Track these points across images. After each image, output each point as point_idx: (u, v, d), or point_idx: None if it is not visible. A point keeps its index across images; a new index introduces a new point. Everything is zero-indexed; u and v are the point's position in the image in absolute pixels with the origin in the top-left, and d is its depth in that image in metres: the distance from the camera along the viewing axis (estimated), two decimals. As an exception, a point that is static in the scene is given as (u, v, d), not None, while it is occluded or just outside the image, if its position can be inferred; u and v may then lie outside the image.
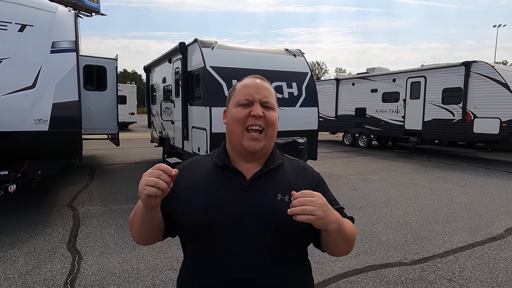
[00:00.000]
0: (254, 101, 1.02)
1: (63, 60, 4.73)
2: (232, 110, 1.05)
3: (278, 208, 0.97)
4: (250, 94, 1.03)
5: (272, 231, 0.98)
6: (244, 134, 1.02)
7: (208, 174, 1.07)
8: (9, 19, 4.45)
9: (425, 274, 3.33)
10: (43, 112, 4.52)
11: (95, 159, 10.15)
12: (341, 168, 9.33)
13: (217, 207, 0.99)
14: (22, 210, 5.11)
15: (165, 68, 8.50)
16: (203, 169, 1.09)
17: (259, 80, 1.08)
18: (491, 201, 6.00)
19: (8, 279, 3.13)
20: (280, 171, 1.08)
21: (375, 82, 13.42)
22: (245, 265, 0.96)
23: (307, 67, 7.04)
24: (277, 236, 0.98)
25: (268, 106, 1.05)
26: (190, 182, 1.06)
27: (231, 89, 1.12)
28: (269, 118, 1.03)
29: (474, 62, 10.00)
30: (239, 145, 1.03)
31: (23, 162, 4.82)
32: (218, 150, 1.13)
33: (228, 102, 1.11)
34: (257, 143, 1.02)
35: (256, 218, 0.98)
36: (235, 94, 1.08)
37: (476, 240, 4.22)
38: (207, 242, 0.99)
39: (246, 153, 1.03)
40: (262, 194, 1.01)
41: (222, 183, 1.04)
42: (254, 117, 1.01)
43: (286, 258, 1.01)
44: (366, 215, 5.18)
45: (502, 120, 9.24)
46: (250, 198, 1.00)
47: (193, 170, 1.10)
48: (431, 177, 8.07)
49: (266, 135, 1.04)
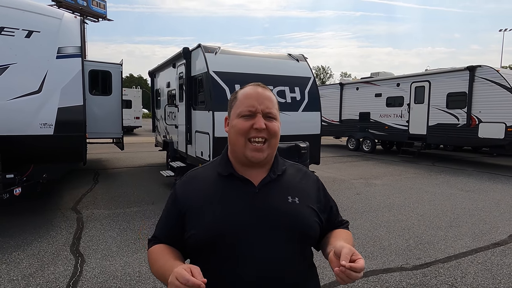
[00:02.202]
0: (257, 113, 1.03)
1: (68, 66, 4.82)
2: (234, 121, 1.05)
3: (291, 210, 1.05)
4: (252, 106, 1.03)
5: (290, 232, 1.02)
6: (247, 145, 1.03)
7: (216, 186, 1.07)
8: (16, 25, 4.55)
9: (426, 279, 3.31)
10: (48, 116, 4.60)
11: (100, 163, 10.24)
12: (345, 172, 9.31)
13: (234, 215, 1.00)
14: (27, 213, 5.18)
15: (169, 73, 8.59)
16: (208, 181, 1.09)
17: (261, 89, 1.08)
18: (496, 207, 5.95)
19: (12, 281, 3.17)
20: (285, 176, 1.13)
21: (379, 87, 13.41)
22: (271, 268, 0.98)
23: (309, 71, 7.07)
24: (295, 237, 1.03)
25: (271, 116, 1.05)
26: (197, 198, 1.06)
27: (232, 97, 1.12)
28: (272, 129, 1.04)
29: (479, 66, 9.95)
30: (242, 156, 1.05)
31: (28, 165, 4.90)
32: (219, 160, 1.13)
33: (229, 110, 1.11)
34: (260, 154, 1.03)
35: (273, 221, 1.02)
36: (237, 103, 1.07)
37: (479, 245, 4.19)
38: (228, 252, 0.99)
39: (249, 162, 1.05)
40: (273, 198, 1.05)
41: (232, 192, 1.04)
42: (257, 130, 1.02)
43: (303, 258, 1.07)
44: (369, 219, 5.16)
45: (508, 124, 9.17)
46: (262, 203, 1.03)
47: (196, 185, 1.10)
48: (435, 182, 8.02)
49: (269, 145, 1.05)
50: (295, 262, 1.03)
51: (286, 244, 1.01)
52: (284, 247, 1.01)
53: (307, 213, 1.07)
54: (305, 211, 1.07)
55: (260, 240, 0.98)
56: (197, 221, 1.02)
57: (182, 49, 6.83)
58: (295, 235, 1.03)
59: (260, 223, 1.00)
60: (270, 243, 0.99)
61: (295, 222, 1.03)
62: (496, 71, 9.58)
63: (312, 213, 1.08)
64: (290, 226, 1.02)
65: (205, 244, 1.00)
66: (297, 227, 1.03)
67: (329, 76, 71.43)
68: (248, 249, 0.98)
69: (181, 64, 7.22)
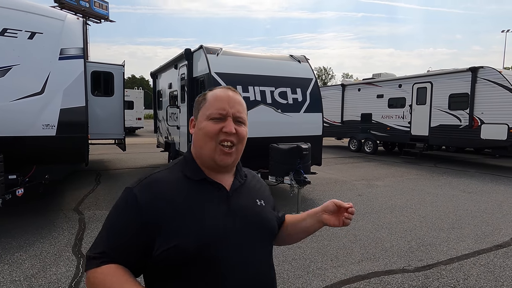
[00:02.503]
0: (227, 116, 1.01)
1: (71, 67, 4.83)
2: (203, 123, 1.02)
3: (262, 213, 1.09)
4: (223, 109, 1.01)
5: (264, 233, 1.08)
6: (216, 149, 1.00)
7: (189, 191, 0.99)
8: (19, 27, 4.57)
9: (428, 281, 3.30)
10: (51, 117, 4.61)
11: (102, 164, 10.26)
12: (346, 173, 9.30)
13: (219, 221, 0.97)
14: (29, 213, 5.19)
15: (171, 74, 8.61)
16: (178, 186, 1.00)
17: (231, 92, 1.06)
18: (498, 208, 5.92)
19: (14, 282, 3.18)
20: (248, 180, 1.14)
21: (381, 88, 13.39)
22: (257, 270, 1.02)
23: (311, 73, 7.07)
24: (268, 237, 1.10)
25: (240, 121, 1.04)
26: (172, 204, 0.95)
27: (201, 98, 1.08)
28: (241, 134, 1.03)
29: (481, 67, 9.93)
30: (210, 159, 1.02)
31: (30, 166, 4.91)
32: (184, 163, 1.07)
33: (196, 111, 1.07)
34: (228, 158, 1.02)
35: (250, 224, 1.03)
36: (207, 105, 1.04)
37: (481, 247, 4.17)
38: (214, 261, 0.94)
39: (216, 167, 1.03)
40: (246, 203, 1.06)
41: (208, 197, 1.00)
42: (227, 134, 1.00)
43: (271, 256, 1.12)
44: (371, 221, 5.15)
45: (510, 126, 9.14)
46: (238, 207, 1.03)
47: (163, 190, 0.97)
48: (437, 184, 8.00)
49: (237, 150, 1.04)
50: (271, 262, 1.10)
51: (263, 246, 1.06)
52: (262, 249, 1.06)
53: (272, 214, 1.15)
54: (270, 212, 1.14)
55: (244, 244, 0.99)
56: (180, 230, 0.92)
57: (184, 50, 6.84)
58: (267, 236, 1.09)
59: (240, 228, 1.00)
60: (252, 247, 1.01)
61: (267, 224, 1.09)
62: (498, 72, 9.55)
63: (273, 214, 1.17)
64: (264, 228, 1.07)
65: (193, 253, 0.91)
66: (268, 229, 1.09)
67: (331, 77, 71.44)
68: (235, 255, 0.96)
69: (183, 65, 7.24)
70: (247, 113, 1.10)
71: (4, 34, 4.49)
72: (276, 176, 5.75)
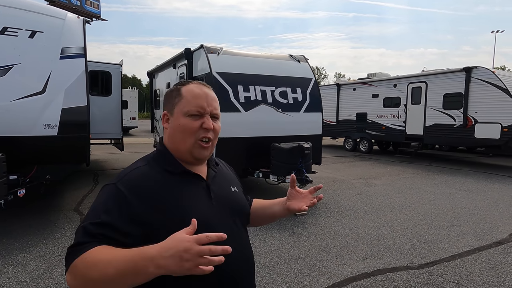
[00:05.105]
0: (205, 113, 1.05)
1: (72, 66, 4.79)
2: (181, 119, 1.04)
3: (238, 199, 1.17)
4: (201, 107, 1.05)
5: (242, 217, 1.16)
6: (195, 144, 1.05)
7: (174, 184, 1.02)
8: (20, 26, 4.52)
9: (433, 278, 3.36)
10: (52, 117, 4.56)
11: (99, 164, 10.18)
12: (344, 173, 9.37)
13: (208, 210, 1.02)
14: (29, 214, 5.14)
15: (169, 73, 8.57)
16: (162, 180, 1.01)
17: (206, 89, 1.09)
18: (495, 206, 6.04)
19: (21, 283, 3.15)
20: (219, 169, 1.21)
21: (376, 87, 13.52)
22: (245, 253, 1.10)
23: (311, 72, 7.12)
24: (246, 221, 1.19)
25: (216, 117, 1.10)
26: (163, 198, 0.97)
27: (174, 94, 1.08)
28: (217, 130, 1.10)
29: (475, 67, 10.09)
30: (188, 153, 1.06)
31: (32, 166, 4.85)
32: (162, 157, 1.08)
33: (170, 106, 1.08)
34: (206, 151, 1.08)
35: (232, 210, 1.10)
36: (184, 102, 1.05)
37: (481, 244, 4.26)
38: None
39: (193, 160, 1.08)
40: (224, 190, 1.13)
41: (192, 188, 1.04)
42: (206, 130, 1.05)
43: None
44: (372, 219, 5.21)
45: (503, 125, 9.31)
46: (219, 196, 1.09)
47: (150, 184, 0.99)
48: (433, 182, 8.12)
49: (212, 144, 1.10)
50: (250, 244, 1.18)
51: (245, 230, 1.15)
52: (245, 233, 1.15)
53: (244, 199, 1.23)
54: (243, 197, 1.22)
55: (232, 231, 1.04)
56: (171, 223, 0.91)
57: (184, 50, 6.83)
58: (245, 221, 1.18)
59: (225, 215, 1.06)
60: (239, 232, 1.09)
61: (243, 210, 1.17)
62: (492, 72, 9.73)
63: (245, 199, 1.25)
64: (242, 213, 1.15)
65: None
66: (245, 214, 1.18)
67: (324, 77, 71.74)
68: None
69: (183, 65, 7.22)
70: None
71: (4, 33, 4.43)
72: (278, 176, 5.78)
